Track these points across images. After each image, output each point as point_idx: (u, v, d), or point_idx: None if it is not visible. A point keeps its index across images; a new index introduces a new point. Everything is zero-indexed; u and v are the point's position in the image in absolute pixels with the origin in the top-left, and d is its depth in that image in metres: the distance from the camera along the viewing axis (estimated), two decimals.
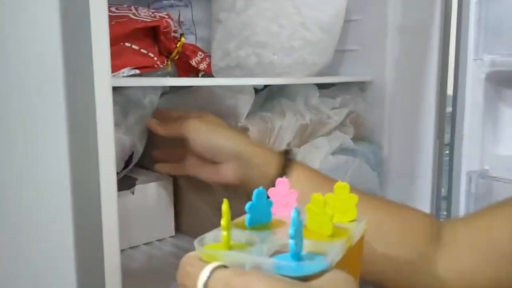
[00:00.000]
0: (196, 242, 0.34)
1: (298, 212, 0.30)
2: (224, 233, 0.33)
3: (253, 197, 0.37)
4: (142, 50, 0.59)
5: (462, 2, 0.76)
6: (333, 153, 0.74)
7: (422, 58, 0.81)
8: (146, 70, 0.60)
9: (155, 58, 0.60)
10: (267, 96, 0.81)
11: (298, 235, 0.30)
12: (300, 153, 0.70)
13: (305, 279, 0.29)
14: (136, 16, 0.60)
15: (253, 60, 0.64)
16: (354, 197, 0.39)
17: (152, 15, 0.61)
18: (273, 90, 0.81)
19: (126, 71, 0.57)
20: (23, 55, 0.39)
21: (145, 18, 0.60)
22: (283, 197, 0.41)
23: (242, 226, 0.37)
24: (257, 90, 0.77)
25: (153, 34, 0.61)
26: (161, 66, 0.62)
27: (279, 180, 0.41)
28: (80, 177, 0.36)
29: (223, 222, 0.33)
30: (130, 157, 0.70)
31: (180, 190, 0.73)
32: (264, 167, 0.53)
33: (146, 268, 0.62)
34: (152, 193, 0.69)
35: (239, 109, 0.68)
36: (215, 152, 0.55)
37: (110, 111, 0.37)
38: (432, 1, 0.79)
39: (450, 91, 0.81)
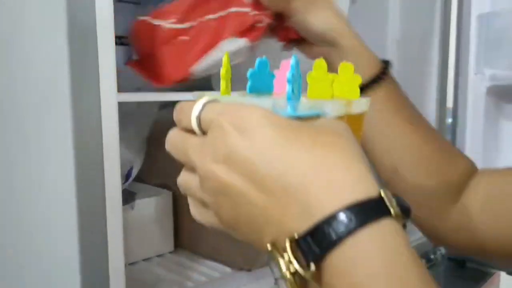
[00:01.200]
0: (193, 94, 0.33)
1: (297, 59, 0.29)
2: (223, 82, 0.32)
3: (256, 65, 0.35)
4: (232, 9, 0.47)
5: (462, 16, 0.76)
6: None
7: (421, 72, 0.81)
8: (254, 33, 0.49)
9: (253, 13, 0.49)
10: None
11: (295, 81, 0.29)
12: None
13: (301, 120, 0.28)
14: None
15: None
16: (358, 78, 0.36)
17: None
18: None
19: (225, 43, 0.46)
20: (30, 69, 0.38)
21: None
22: (286, 78, 0.39)
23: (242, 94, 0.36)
24: None
25: None
26: (263, 17, 0.49)
27: (283, 62, 0.38)
28: (85, 191, 0.35)
29: (222, 71, 0.32)
30: (129, 171, 0.69)
31: (180, 204, 0.72)
32: (356, 66, 0.49)
33: (146, 284, 0.61)
34: (151, 207, 0.68)
35: None
36: (311, 34, 0.51)
37: (116, 127, 0.36)
38: (431, 15, 0.79)
39: (450, 103, 0.81)
